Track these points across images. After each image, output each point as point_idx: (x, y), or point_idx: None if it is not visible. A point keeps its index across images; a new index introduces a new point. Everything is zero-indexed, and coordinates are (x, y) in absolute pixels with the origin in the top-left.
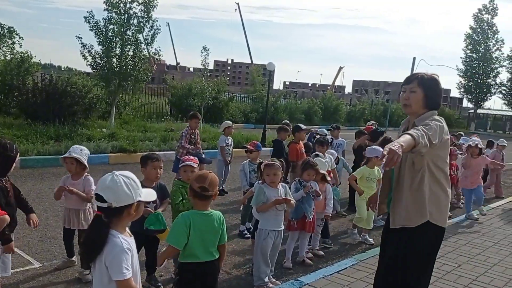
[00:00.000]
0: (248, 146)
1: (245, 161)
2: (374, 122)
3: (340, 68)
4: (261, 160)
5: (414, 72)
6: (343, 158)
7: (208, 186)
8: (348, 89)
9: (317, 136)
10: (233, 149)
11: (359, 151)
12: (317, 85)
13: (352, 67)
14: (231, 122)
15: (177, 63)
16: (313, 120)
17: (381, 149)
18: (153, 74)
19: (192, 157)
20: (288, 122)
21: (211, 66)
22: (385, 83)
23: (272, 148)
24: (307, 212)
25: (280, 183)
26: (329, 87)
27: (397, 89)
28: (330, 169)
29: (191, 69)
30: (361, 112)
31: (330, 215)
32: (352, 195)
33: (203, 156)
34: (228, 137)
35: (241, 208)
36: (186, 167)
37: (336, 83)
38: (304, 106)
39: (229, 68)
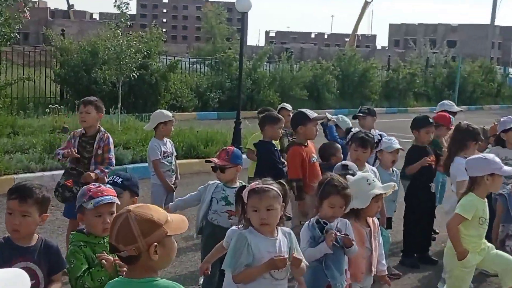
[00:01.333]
0: (215, 160)
1: (212, 182)
2: (450, 104)
3: (367, 3)
4: (242, 183)
5: (498, 6)
6: (396, 170)
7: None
8: (382, 40)
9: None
10: (179, 161)
11: (417, 157)
12: (326, 36)
13: (386, 1)
14: (169, 113)
15: (70, 6)
16: (323, 99)
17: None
18: (25, 27)
19: (104, 187)
20: (286, 106)
21: (132, 9)
22: (447, 28)
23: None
24: (334, 281)
25: (280, 227)
26: (348, 39)
27: (469, 39)
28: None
29: (96, 16)
30: (408, 81)
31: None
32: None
33: (120, 179)
34: (166, 140)
35: (201, 282)
36: (99, 208)
37: (360, 31)
38: (307, 75)
39: (165, 11)
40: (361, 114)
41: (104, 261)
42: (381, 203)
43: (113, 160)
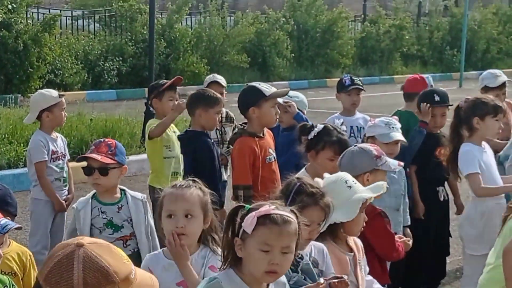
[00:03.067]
0: (95, 156)
1: (81, 202)
2: None
3: None
4: (142, 197)
5: None
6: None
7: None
8: None
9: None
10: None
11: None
12: None
13: None
14: (55, 93)
15: None
16: (271, 66)
17: None
18: None
19: None
20: (218, 79)
21: None
22: None
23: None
24: None
25: None
26: None
27: None
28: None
29: None
30: (393, 37)
31: None
32: None
33: None
34: (56, 136)
35: None
36: None
37: None
38: (246, 32)
39: None
40: (356, 86)
41: None
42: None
43: None
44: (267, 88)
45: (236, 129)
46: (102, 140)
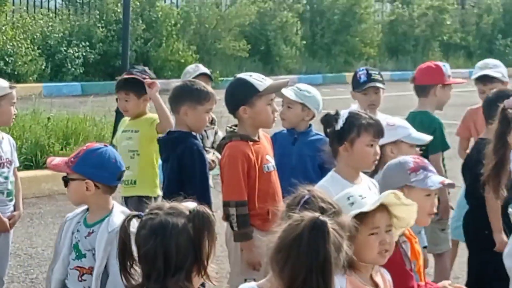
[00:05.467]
0: (54, 162)
1: (72, 215)
2: None
3: None
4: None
5: None
6: None
7: None
8: None
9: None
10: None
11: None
12: None
13: None
14: (5, 83)
15: None
16: (277, 56)
17: None
18: None
19: None
20: (203, 69)
21: None
22: None
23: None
24: None
25: None
26: None
27: None
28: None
29: None
30: (430, 22)
31: None
32: None
33: None
34: (1, 137)
35: None
36: None
37: None
38: (246, 13)
39: None
40: (378, 84)
41: None
42: (391, 238)
43: None
44: (260, 80)
45: (219, 133)
46: (90, 144)
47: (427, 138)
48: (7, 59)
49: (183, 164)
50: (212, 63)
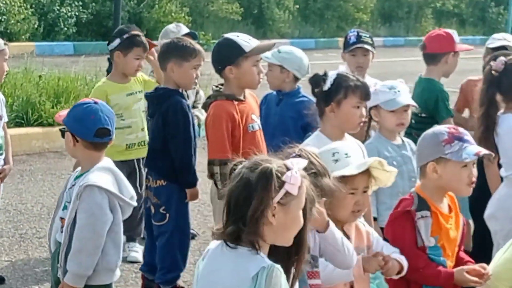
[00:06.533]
0: (59, 115)
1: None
2: None
3: None
4: None
5: None
6: (409, 141)
7: None
8: None
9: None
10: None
11: None
12: None
13: None
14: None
15: None
16: (269, 20)
17: None
18: None
19: None
20: (183, 27)
21: None
22: None
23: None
24: None
25: None
26: None
27: None
28: None
29: None
30: None
31: None
32: None
33: None
34: None
35: None
36: None
37: None
38: None
39: None
40: (366, 46)
41: None
42: (367, 199)
43: None
44: (247, 41)
45: (201, 92)
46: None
47: (402, 103)
48: None
49: (167, 121)
50: (205, 25)
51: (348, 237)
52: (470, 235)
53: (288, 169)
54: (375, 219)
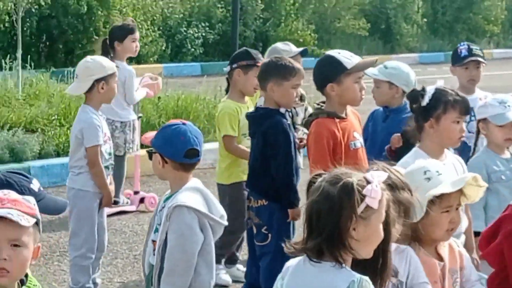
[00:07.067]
0: (146, 136)
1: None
2: None
3: None
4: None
5: None
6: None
7: None
8: None
9: None
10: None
11: None
12: None
13: None
14: (111, 63)
15: None
16: (397, 34)
17: None
18: None
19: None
20: (287, 46)
21: None
22: None
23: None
24: None
25: None
26: None
27: None
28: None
29: None
30: None
31: None
32: None
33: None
34: (100, 113)
35: None
36: None
37: None
38: None
39: None
40: (479, 58)
41: None
42: (459, 216)
43: None
44: (348, 58)
45: (309, 109)
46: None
47: (511, 118)
48: None
49: (267, 141)
50: (332, 42)
51: (441, 257)
52: None
53: (368, 182)
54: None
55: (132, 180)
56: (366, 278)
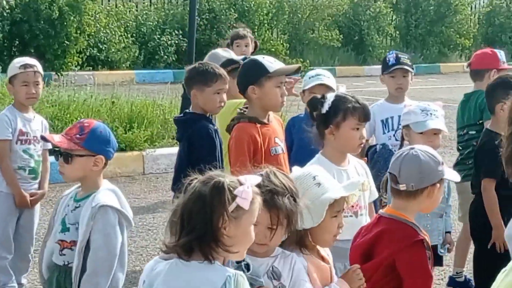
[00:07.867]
0: (52, 138)
1: (68, 192)
2: None
3: None
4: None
5: None
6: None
7: None
8: None
9: None
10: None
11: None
12: None
13: None
14: (20, 60)
15: None
16: (370, 46)
17: None
18: None
19: None
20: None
21: None
22: None
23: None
24: None
25: None
26: None
27: None
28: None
29: None
30: None
31: None
32: None
33: None
34: (33, 116)
35: None
36: None
37: None
38: (340, 3)
39: None
40: (406, 67)
41: None
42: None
43: None
44: (271, 62)
45: None
46: (82, 121)
47: (430, 126)
48: (100, 46)
49: (192, 146)
50: (304, 52)
51: (327, 260)
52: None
53: (241, 184)
54: None
55: None
56: (241, 273)
